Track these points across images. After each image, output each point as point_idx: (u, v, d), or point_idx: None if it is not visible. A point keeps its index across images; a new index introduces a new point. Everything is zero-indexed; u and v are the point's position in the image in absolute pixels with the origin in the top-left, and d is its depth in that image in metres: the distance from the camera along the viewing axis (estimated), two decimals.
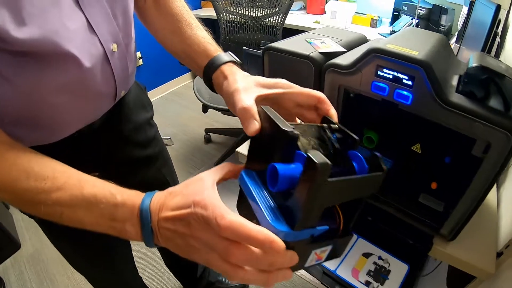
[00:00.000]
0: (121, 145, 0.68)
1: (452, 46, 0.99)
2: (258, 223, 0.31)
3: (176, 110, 2.84)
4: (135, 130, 0.70)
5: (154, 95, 3.00)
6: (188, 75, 3.27)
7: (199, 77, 2.10)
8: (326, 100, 0.42)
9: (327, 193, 0.29)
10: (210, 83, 0.51)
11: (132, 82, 0.65)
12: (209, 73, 0.50)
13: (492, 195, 0.67)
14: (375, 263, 0.57)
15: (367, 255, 0.59)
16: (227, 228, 0.29)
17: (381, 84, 0.53)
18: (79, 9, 0.44)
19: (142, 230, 0.35)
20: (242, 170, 0.36)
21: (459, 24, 1.18)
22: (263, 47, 0.73)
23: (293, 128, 0.32)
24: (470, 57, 0.50)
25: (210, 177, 0.36)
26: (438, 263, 0.80)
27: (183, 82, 3.25)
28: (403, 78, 0.50)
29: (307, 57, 0.63)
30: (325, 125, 0.38)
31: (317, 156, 0.26)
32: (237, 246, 0.29)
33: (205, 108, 1.93)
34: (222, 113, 2.03)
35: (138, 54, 2.67)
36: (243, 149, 0.90)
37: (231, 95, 0.42)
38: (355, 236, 0.63)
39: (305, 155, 0.27)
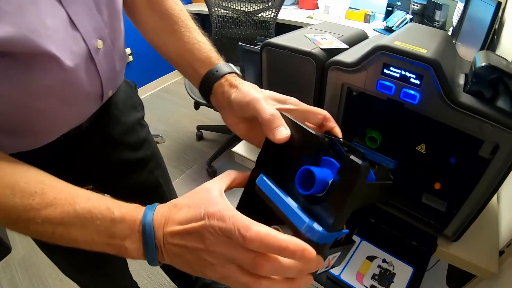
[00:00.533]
0: (111, 148, 0.65)
1: None
2: (277, 228, 0.31)
3: (167, 107, 2.79)
4: (125, 132, 0.67)
5: (145, 92, 2.95)
6: (178, 72, 3.22)
7: None
8: (331, 118, 0.41)
9: (361, 196, 0.29)
10: (208, 92, 0.48)
11: (120, 81, 0.61)
12: (211, 81, 0.47)
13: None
14: (379, 266, 0.57)
15: (371, 258, 0.58)
16: (254, 239, 0.27)
17: (387, 83, 0.51)
18: (59, 4, 0.41)
19: (145, 247, 0.32)
20: (262, 174, 0.35)
21: (454, 20, 1.17)
22: (260, 43, 0.70)
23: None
24: (475, 56, 0.49)
25: (216, 186, 0.34)
26: (437, 259, 0.80)
27: (174, 79, 3.20)
28: (410, 77, 0.48)
29: (308, 54, 0.61)
30: (334, 137, 0.36)
31: (357, 159, 0.27)
32: (265, 258, 0.28)
33: (197, 105, 1.90)
34: (214, 110, 1.99)
35: (128, 50, 2.60)
36: (239, 149, 0.88)
37: (247, 104, 0.40)
38: (358, 239, 0.62)
39: (338, 164, 0.29)
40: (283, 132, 0.35)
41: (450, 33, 1.13)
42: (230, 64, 0.49)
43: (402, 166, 0.61)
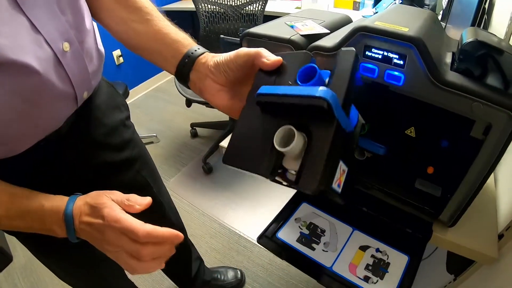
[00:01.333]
0: (95, 150, 0.63)
1: None
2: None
3: (160, 106, 2.76)
4: (108, 133, 0.65)
5: (138, 93, 2.92)
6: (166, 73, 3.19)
7: None
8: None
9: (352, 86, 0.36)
10: (189, 68, 0.50)
11: (96, 82, 0.60)
12: (194, 55, 0.50)
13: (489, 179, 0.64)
14: (373, 256, 0.54)
15: (364, 248, 0.56)
16: (146, 235, 0.40)
17: (370, 66, 0.49)
18: (19, 10, 0.40)
19: (67, 230, 0.44)
20: (259, 90, 0.38)
21: (444, 2, 1.14)
22: (241, 34, 0.68)
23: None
24: (463, 33, 0.46)
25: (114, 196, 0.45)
26: (435, 247, 0.79)
27: (166, 78, 3.16)
28: (393, 58, 0.46)
29: (288, 41, 0.58)
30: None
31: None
32: (146, 247, 0.41)
33: (188, 103, 1.88)
34: (207, 106, 1.97)
35: (118, 52, 2.57)
36: (227, 142, 0.86)
37: (236, 55, 0.45)
38: (350, 229, 0.60)
39: (328, 71, 0.38)
40: (276, 57, 0.42)
41: (440, 16, 1.10)
42: (198, 45, 0.53)
43: (393, 151, 0.59)
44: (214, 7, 1.93)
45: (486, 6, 0.89)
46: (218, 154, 2.03)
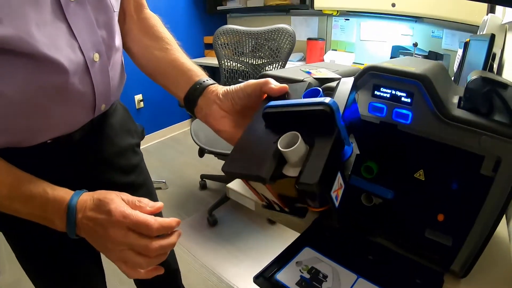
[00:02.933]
0: (102, 167, 0.65)
1: None
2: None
3: (173, 155, 2.82)
4: (117, 154, 0.67)
5: (153, 139, 3.01)
6: (187, 122, 3.32)
7: (196, 121, 2.13)
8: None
9: None
10: (199, 93, 0.54)
11: (115, 98, 0.64)
12: (205, 84, 0.55)
13: (503, 228, 0.60)
14: None
15: None
16: (160, 227, 0.41)
17: (379, 105, 0.50)
18: (61, 16, 0.46)
19: (67, 223, 0.43)
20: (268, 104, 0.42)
21: (455, 67, 1.20)
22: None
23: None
24: (467, 77, 0.48)
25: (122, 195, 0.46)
26: None
27: (182, 129, 3.28)
28: (401, 96, 0.48)
29: (301, 82, 0.61)
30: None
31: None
32: (154, 241, 0.42)
33: (201, 152, 1.91)
34: (218, 158, 2.00)
35: (140, 96, 2.73)
36: (234, 185, 0.85)
37: (245, 85, 0.50)
38: (354, 276, 0.56)
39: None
40: (282, 84, 0.47)
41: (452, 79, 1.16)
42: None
43: (401, 196, 0.57)
44: (236, 64, 2.08)
45: (495, 64, 0.93)
46: (225, 207, 2.00)
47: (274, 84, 0.47)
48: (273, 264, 0.62)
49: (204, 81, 0.55)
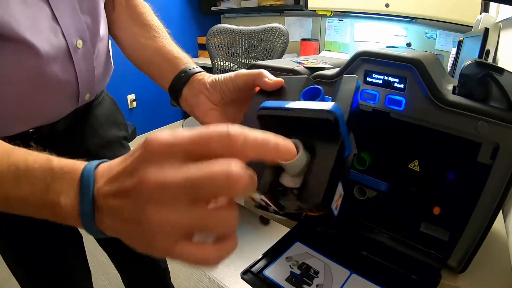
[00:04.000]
0: (86, 159, 0.62)
1: None
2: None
3: None
4: (102, 146, 0.65)
5: None
6: (180, 123, 3.29)
7: (189, 120, 2.10)
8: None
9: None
10: (184, 82, 0.50)
11: (101, 88, 0.62)
12: (191, 72, 0.51)
13: (499, 225, 0.59)
14: None
15: None
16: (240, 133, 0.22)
17: (371, 92, 0.49)
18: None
19: (80, 197, 0.25)
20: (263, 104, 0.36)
21: (449, 67, 1.19)
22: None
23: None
24: (462, 65, 0.46)
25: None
26: None
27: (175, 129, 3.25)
28: (394, 82, 0.46)
29: (290, 71, 0.59)
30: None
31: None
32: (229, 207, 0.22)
33: None
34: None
35: (132, 96, 2.69)
36: None
37: (236, 75, 0.45)
38: (347, 272, 0.53)
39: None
40: (277, 78, 0.41)
41: None
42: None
43: (396, 189, 0.55)
44: (229, 63, 2.06)
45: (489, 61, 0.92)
46: None
47: (268, 77, 0.42)
48: (262, 259, 0.59)
49: (190, 69, 0.51)
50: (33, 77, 0.45)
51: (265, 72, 0.43)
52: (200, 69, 0.52)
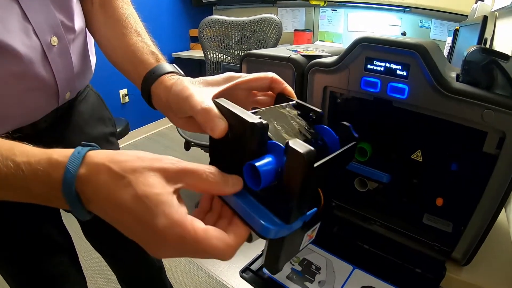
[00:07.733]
0: None
1: None
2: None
3: (159, 150, 2.75)
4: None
5: (139, 134, 2.94)
6: None
7: None
8: (279, 79, 0.39)
9: (315, 177, 0.28)
10: (148, 96, 0.44)
11: (82, 85, 0.59)
12: (148, 83, 0.43)
13: (503, 216, 0.58)
14: None
15: None
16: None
17: (372, 79, 0.47)
18: None
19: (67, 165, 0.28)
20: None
21: (445, 52, 1.18)
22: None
23: (259, 117, 0.29)
24: (464, 52, 0.45)
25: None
26: None
27: (168, 124, 3.20)
28: (396, 69, 0.44)
29: (287, 59, 0.57)
30: (284, 104, 0.37)
31: (299, 145, 0.25)
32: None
33: (187, 145, 1.86)
34: (205, 151, 1.95)
35: (125, 91, 2.64)
36: None
37: (183, 101, 0.36)
38: (350, 267, 0.52)
39: (283, 146, 0.27)
40: (218, 125, 0.31)
41: None
42: (173, 65, 0.46)
43: (398, 180, 0.53)
44: (222, 55, 2.03)
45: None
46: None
47: (213, 127, 0.32)
48: (261, 256, 0.58)
49: (149, 78, 0.43)
50: (8, 78, 0.43)
51: (206, 116, 0.32)
52: (156, 74, 0.43)
